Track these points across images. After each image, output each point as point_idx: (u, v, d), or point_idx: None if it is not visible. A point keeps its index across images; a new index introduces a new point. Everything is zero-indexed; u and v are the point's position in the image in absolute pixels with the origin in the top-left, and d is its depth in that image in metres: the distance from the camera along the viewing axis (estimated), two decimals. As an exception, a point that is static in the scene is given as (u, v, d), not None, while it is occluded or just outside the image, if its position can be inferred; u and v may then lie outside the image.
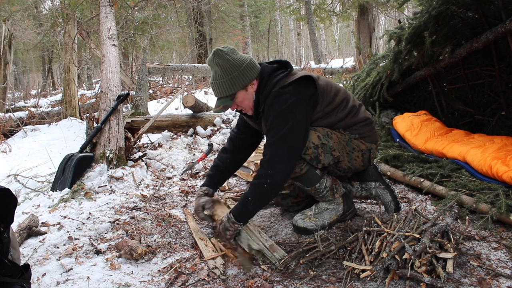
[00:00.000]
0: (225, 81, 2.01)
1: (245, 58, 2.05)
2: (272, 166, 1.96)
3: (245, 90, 2.06)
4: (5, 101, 7.94)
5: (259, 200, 2.02)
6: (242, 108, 2.14)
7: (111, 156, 3.36)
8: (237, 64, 2.01)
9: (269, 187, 1.98)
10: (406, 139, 3.39)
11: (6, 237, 1.39)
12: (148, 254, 2.08)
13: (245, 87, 2.05)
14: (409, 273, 1.62)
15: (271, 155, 1.97)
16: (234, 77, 2.01)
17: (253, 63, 2.06)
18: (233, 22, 17.34)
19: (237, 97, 2.06)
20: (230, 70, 2.00)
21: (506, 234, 2.07)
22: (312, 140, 2.04)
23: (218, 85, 2.04)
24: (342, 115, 2.14)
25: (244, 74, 2.02)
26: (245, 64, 2.03)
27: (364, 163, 2.25)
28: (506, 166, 2.43)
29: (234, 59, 2.01)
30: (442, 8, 2.95)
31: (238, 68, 2.01)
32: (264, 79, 2.07)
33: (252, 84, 2.07)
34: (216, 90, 2.06)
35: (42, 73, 19.66)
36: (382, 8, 9.77)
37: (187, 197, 3.07)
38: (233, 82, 2.01)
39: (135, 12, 8.45)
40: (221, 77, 2.02)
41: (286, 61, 2.17)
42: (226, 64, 2.00)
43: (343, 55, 25.69)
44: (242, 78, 2.02)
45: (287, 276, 1.82)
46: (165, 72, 7.59)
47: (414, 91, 4.10)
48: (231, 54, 2.02)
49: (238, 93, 2.05)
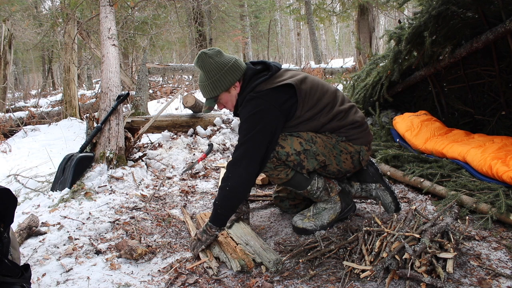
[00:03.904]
0: (207, 84, 2.08)
1: (228, 60, 2.07)
2: (232, 170, 2.00)
3: (228, 92, 2.11)
4: (5, 101, 7.94)
5: (224, 203, 2.03)
6: (227, 108, 2.20)
7: (111, 156, 3.36)
8: (219, 68, 2.05)
9: (230, 190, 2.01)
10: (406, 139, 3.39)
11: (6, 237, 1.39)
12: (148, 254, 2.08)
13: (227, 90, 2.10)
14: (409, 273, 1.62)
15: (234, 158, 2.01)
16: (216, 80, 2.06)
17: (236, 65, 2.08)
18: (233, 22, 17.34)
19: (220, 98, 2.13)
20: (212, 73, 2.06)
21: (506, 234, 2.07)
22: (293, 147, 2.06)
23: (202, 87, 2.11)
24: (326, 119, 2.12)
25: (225, 77, 2.06)
26: (227, 67, 2.06)
27: (354, 165, 2.22)
28: (506, 166, 2.43)
29: (217, 62, 2.05)
30: (442, 8, 2.95)
31: (220, 71, 2.05)
32: (245, 81, 2.10)
33: (235, 86, 2.11)
34: (203, 91, 2.13)
35: (42, 73, 19.66)
36: (382, 8, 9.76)
37: (187, 197, 3.07)
38: (215, 85, 2.07)
39: (135, 12, 8.45)
40: (204, 80, 2.09)
41: (269, 64, 2.15)
42: (208, 67, 2.06)
43: (343, 55, 25.71)
44: (224, 81, 2.07)
45: (287, 275, 1.82)
46: (165, 72, 7.60)
47: (414, 91, 4.11)
48: (214, 57, 2.06)
49: (221, 95, 2.12)
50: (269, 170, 2.12)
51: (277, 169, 2.11)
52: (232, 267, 1.89)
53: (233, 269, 1.87)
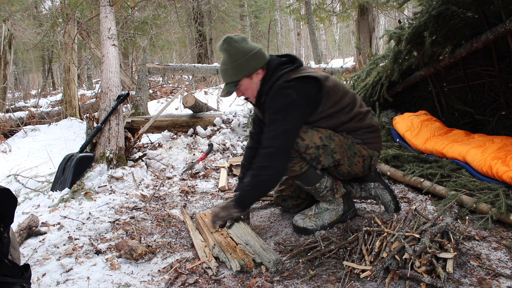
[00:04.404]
0: (230, 67, 2.06)
1: (253, 47, 2.08)
2: (270, 160, 1.98)
3: (250, 79, 2.09)
4: (5, 101, 7.94)
5: (257, 191, 2.05)
6: (246, 96, 2.17)
7: (111, 156, 3.36)
8: (244, 52, 2.05)
9: (266, 180, 2.01)
10: (406, 139, 3.39)
11: (6, 237, 1.39)
12: (148, 254, 2.08)
13: (249, 75, 2.08)
14: (409, 273, 1.62)
15: (272, 147, 1.99)
16: (239, 65, 2.05)
17: (260, 53, 2.09)
18: (233, 22, 17.34)
19: (241, 84, 2.10)
20: (236, 57, 2.04)
21: (506, 234, 2.07)
22: (313, 140, 2.05)
23: (224, 71, 2.09)
24: (346, 118, 2.14)
25: (249, 62, 2.05)
26: (252, 53, 2.06)
27: (364, 169, 2.24)
28: (506, 166, 2.43)
29: (242, 47, 2.05)
30: (442, 8, 2.95)
31: (244, 56, 2.04)
32: (270, 71, 2.10)
33: (257, 73, 2.09)
34: (223, 75, 2.11)
35: (42, 73, 19.66)
36: (382, 8, 9.76)
37: (187, 197, 3.07)
38: (238, 69, 2.06)
39: (135, 12, 8.45)
40: (227, 63, 2.07)
41: (295, 56, 2.19)
42: (233, 51, 2.05)
43: (343, 55, 25.69)
44: (247, 66, 2.06)
45: (287, 275, 1.82)
46: (165, 72, 7.59)
47: (414, 91, 4.10)
48: (240, 42, 2.06)
49: (242, 80, 2.09)
50: None
51: (292, 161, 2.09)
52: (232, 267, 1.89)
53: (233, 269, 1.87)
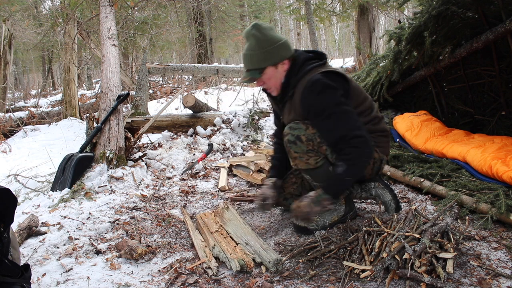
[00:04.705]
0: (257, 54, 2.04)
1: (281, 37, 2.08)
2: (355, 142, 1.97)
3: (275, 68, 2.07)
4: (5, 101, 7.94)
5: (352, 180, 2.07)
6: (267, 86, 2.14)
7: (111, 156, 3.36)
8: (272, 40, 2.03)
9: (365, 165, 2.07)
10: (406, 139, 3.39)
11: (6, 237, 1.39)
12: (148, 254, 2.08)
13: (275, 64, 2.06)
14: (409, 273, 1.62)
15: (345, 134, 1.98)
16: (267, 52, 2.03)
17: (288, 44, 2.09)
18: (233, 22, 17.34)
19: (265, 72, 2.07)
20: (264, 44, 2.02)
21: (506, 234, 2.07)
22: None
23: (250, 56, 2.06)
24: (365, 120, 2.16)
25: (277, 51, 2.04)
26: (281, 43, 2.05)
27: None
28: (506, 166, 2.43)
29: (271, 35, 2.04)
30: (442, 8, 2.95)
31: (273, 44, 2.03)
32: (297, 64, 2.09)
33: (283, 63, 2.08)
34: (247, 61, 2.08)
35: (42, 73, 19.66)
36: (382, 8, 9.76)
37: (187, 197, 3.07)
38: (265, 56, 2.03)
39: (135, 12, 8.45)
40: (254, 49, 2.04)
41: (322, 52, 2.18)
42: (262, 38, 2.02)
43: (343, 55, 25.70)
44: (275, 55, 2.04)
45: (287, 275, 1.82)
46: (165, 72, 7.59)
47: (414, 91, 4.10)
48: (268, 30, 2.05)
49: (268, 68, 2.06)
50: (300, 151, 2.09)
51: (308, 154, 2.09)
52: (232, 267, 1.89)
53: (233, 269, 1.87)
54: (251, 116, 4.73)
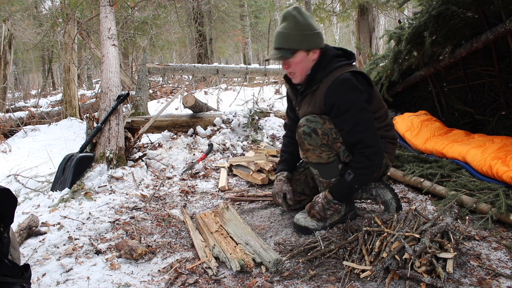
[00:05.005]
0: (295, 34, 2.03)
1: (317, 27, 2.11)
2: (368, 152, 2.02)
3: (306, 54, 2.08)
4: (5, 101, 7.94)
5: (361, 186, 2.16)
6: (292, 71, 2.13)
7: (111, 156, 3.36)
8: (311, 26, 2.05)
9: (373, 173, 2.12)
10: (406, 139, 3.39)
11: (6, 237, 1.39)
12: (148, 254, 2.08)
13: (308, 50, 2.07)
14: (409, 273, 1.62)
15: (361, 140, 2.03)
16: (305, 35, 2.04)
17: (322, 35, 2.11)
18: (233, 22, 17.34)
19: (296, 56, 2.07)
20: (303, 27, 2.03)
21: (506, 234, 2.07)
22: None
23: (287, 35, 2.05)
24: (379, 126, 2.19)
25: (313, 38, 2.05)
26: (317, 31, 2.07)
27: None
28: (506, 166, 2.43)
29: (310, 21, 2.07)
30: (442, 8, 2.95)
31: (311, 30, 2.05)
32: (326, 58, 2.09)
33: (314, 52, 2.09)
34: (282, 39, 2.06)
35: (42, 73, 19.67)
36: (382, 8, 9.76)
37: (187, 197, 3.07)
38: (301, 39, 2.04)
39: (135, 12, 8.45)
40: (292, 29, 2.04)
41: (351, 52, 2.19)
42: (302, 21, 2.04)
43: (343, 55, 25.60)
44: (310, 40, 2.05)
45: (287, 275, 1.82)
46: (165, 72, 7.59)
47: (414, 91, 4.10)
48: (308, 16, 2.07)
49: (299, 52, 2.06)
50: (314, 144, 2.09)
51: (321, 148, 2.09)
52: (232, 267, 1.89)
53: (233, 269, 1.87)
54: (251, 116, 4.73)
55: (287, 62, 2.10)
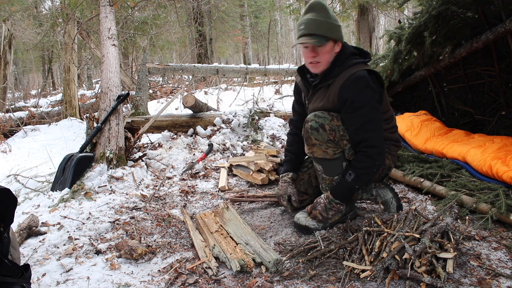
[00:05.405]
0: (329, 22, 2.07)
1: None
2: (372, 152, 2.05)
3: (334, 45, 2.11)
4: (5, 101, 7.94)
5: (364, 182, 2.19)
6: (318, 60, 2.12)
7: (111, 156, 3.36)
8: (336, 19, 2.12)
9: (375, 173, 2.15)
10: (406, 139, 3.39)
11: (6, 237, 1.39)
12: (148, 254, 2.08)
13: (336, 41, 2.11)
14: (409, 273, 1.62)
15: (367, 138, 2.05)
16: (335, 26, 2.10)
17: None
18: (233, 22, 17.34)
19: (327, 45, 2.09)
20: (334, 17, 2.10)
21: (506, 234, 2.07)
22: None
23: (321, 22, 2.06)
24: (385, 127, 2.22)
25: (340, 30, 2.12)
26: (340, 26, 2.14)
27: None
28: (506, 166, 2.43)
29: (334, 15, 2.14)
30: (442, 8, 2.95)
31: (338, 22, 2.12)
32: (344, 54, 2.13)
33: (338, 45, 2.13)
34: (318, 25, 2.06)
35: (42, 73, 19.67)
36: (382, 8, 9.76)
37: (187, 197, 3.07)
38: (334, 28, 2.09)
39: (135, 12, 8.45)
40: (327, 18, 2.07)
41: (367, 52, 2.23)
42: (332, 14, 2.10)
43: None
44: (339, 32, 2.12)
45: (287, 275, 1.82)
46: (165, 72, 7.59)
47: (414, 91, 4.10)
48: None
49: (330, 41, 2.09)
50: (320, 139, 2.10)
51: (328, 143, 2.11)
52: (232, 267, 1.89)
53: (233, 269, 1.87)
54: (251, 116, 4.73)
55: (315, 49, 2.10)
